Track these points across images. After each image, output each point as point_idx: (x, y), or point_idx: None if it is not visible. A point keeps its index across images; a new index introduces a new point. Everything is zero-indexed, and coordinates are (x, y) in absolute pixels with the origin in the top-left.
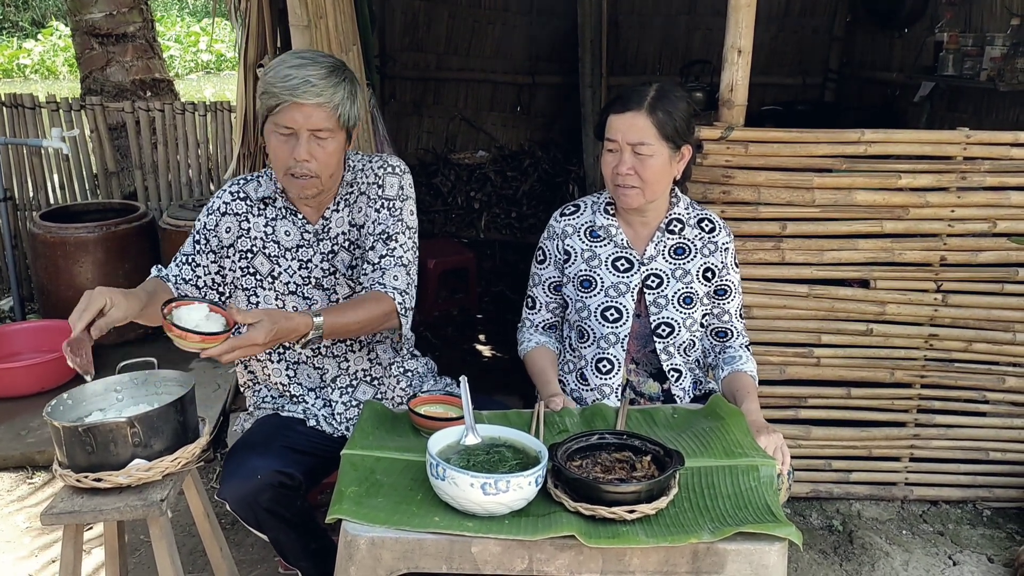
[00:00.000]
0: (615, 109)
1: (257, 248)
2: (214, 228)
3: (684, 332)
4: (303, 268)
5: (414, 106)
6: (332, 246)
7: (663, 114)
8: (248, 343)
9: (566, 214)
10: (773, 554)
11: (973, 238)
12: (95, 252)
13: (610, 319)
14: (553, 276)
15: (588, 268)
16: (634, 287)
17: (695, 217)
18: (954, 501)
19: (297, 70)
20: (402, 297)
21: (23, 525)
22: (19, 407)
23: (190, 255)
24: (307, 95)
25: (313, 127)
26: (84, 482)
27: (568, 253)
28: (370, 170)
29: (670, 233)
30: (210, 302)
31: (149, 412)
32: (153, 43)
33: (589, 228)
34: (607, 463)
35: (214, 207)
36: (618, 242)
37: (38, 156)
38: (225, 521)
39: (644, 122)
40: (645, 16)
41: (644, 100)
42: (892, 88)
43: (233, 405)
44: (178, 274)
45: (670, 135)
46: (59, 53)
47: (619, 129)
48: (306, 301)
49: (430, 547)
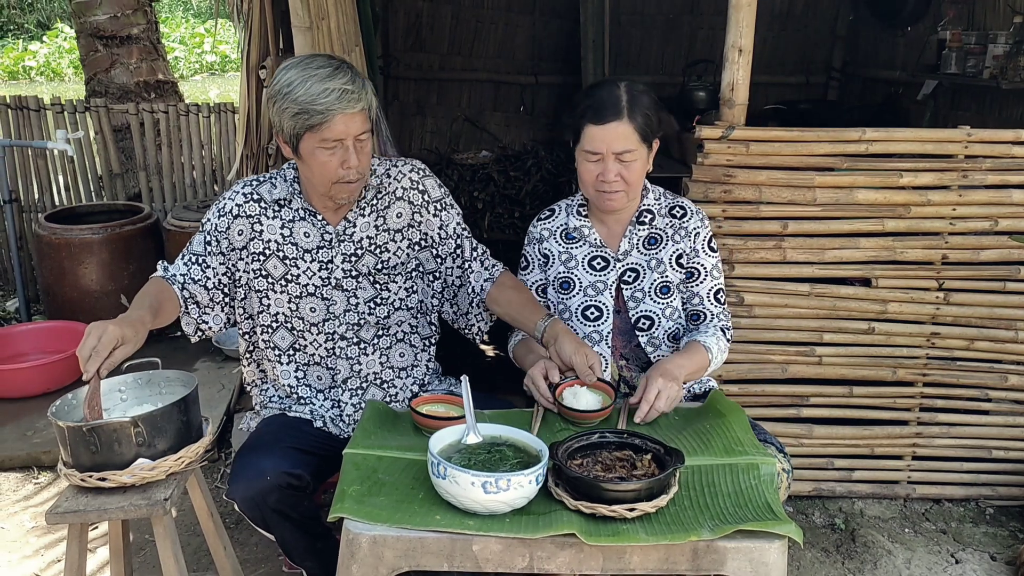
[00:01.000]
0: (592, 120)
1: (271, 251)
2: (225, 231)
3: (665, 322)
4: (323, 269)
5: (417, 106)
6: (355, 249)
7: (641, 117)
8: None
9: (542, 219)
10: (773, 551)
11: (975, 236)
12: (100, 253)
13: (591, 318)
14: (539, 279)
15: (566, 270)
16: (611, 284)
17: (667, 206)
18: (957, 499)
19: (328, 82)
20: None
21: (28, 524)
22: (24, 408)
23: (200, 256)
24: (351, 104)
25: (357, 132)
26: (89, 481)
27: (546, 256)
28: (400, 174)
29: (640, 225)
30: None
31: (153, 412)
32: (157, 45)
33: (564, 230)
34: (608, 462)
35: (226, 209)
36: (592, 242)
37: (43, 158)
38: (230, 520)
39: (626, 129)
40: (648, 15)
41: (621, 107)
42: (895, 86)
43: (237, 405)
44: (186, 273)
45: (647, 135)
46: (64, 55)
47: (603, 140)
48: (324, 302)
49: (431, 545)
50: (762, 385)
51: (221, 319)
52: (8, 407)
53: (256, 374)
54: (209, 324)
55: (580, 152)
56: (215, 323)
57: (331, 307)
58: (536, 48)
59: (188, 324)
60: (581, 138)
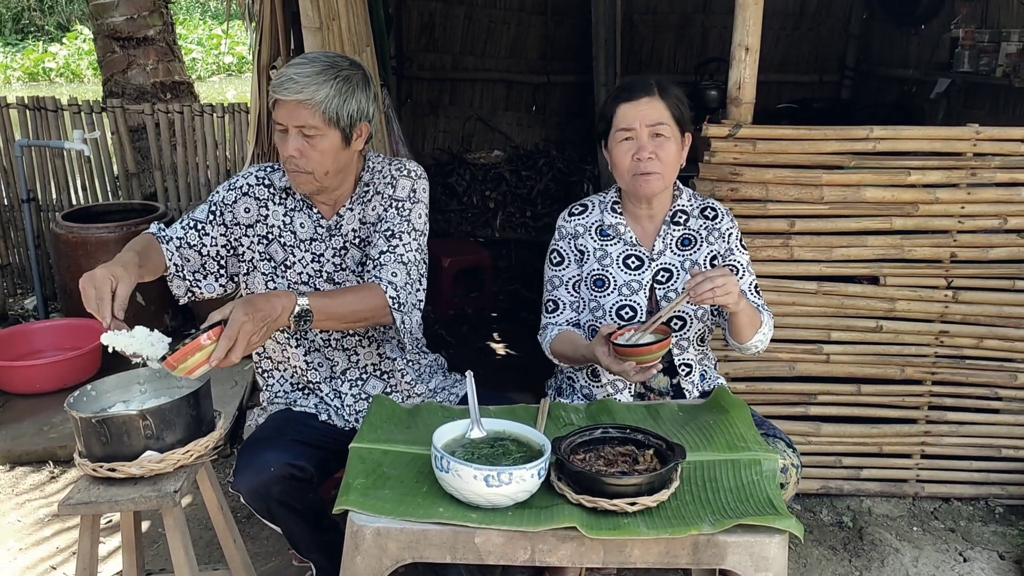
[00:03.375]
0: (624, 99)
1: (273, 236)
2: (232, 204)
3: (696, 323)
4: (315, 261)
5: (430, 106)
6: (344, 242)
7: (672, 98)
8: (237, 327)
9: (575, 214)
10: (773, 546)
11: (984, 234)
12: (116, 251)
13: (625, 317)
14: (575, 275)
15: (600, 267)
16: (646, 284)
17: (698, 207)
18: (966, 498)
19: (288, 69)
20: (396, 292)
21: (44, 517)
22: (42, 403)
23: (201, 222)
24: (287, 92)
25: (298, 124)
26: (99, 471)
27: (582, 252)
28: (387, 171)
29: (675, 225)
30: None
31: (161, 405)
32: (173, 46)
33: (599, 227)
34: (610, 457)
35: (237, 184)
36: (627, 240)
37: (60, 158)
38: (241, 515)
39: (659, 104)
40: (660, 15)
41: (651, 86)
42: (909, 85)
43: (250, 401)
44: (183, 237)
45: (679, 118)
46: (84, 57)
47: (635, 116)
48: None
49: (434, 537)
50: (770, 383)
51: (214, 287)
52: (26, 403)
53: (264, 361)
54: (202, 290)
55: (614, 136)
56: (207, 290)
57: None
58: (548, 48)
59: (179, 287)
60: (613, 121)
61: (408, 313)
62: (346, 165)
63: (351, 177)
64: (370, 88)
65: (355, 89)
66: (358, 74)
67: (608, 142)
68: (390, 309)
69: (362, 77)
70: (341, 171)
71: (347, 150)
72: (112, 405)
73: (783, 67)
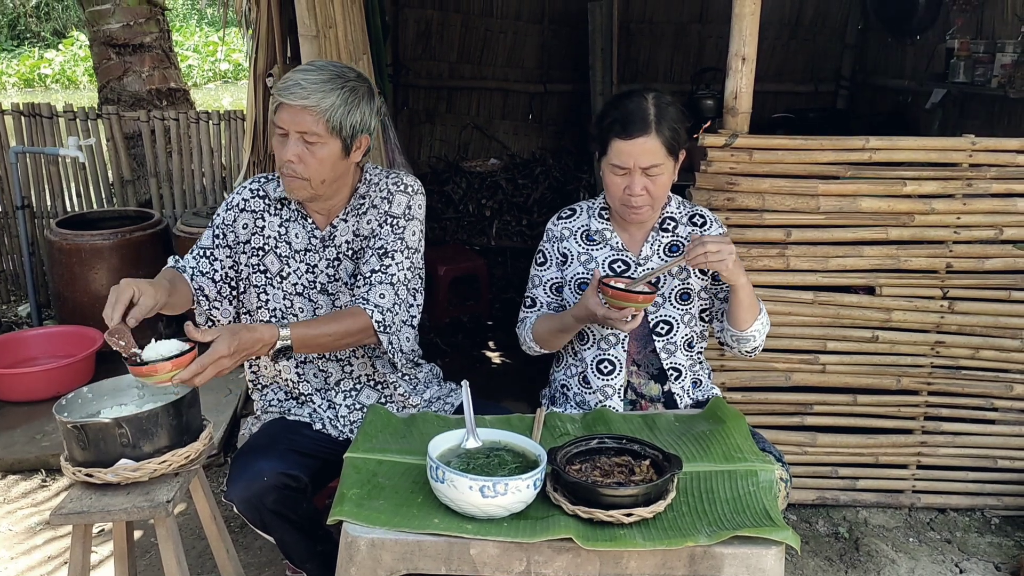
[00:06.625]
0: (620, 134)
1: (269, 247)
2: (232, 224)
3: (683, 328)
4: (309, 272)
5: (427, 114)
6: (337, 253)
7: (668, 131)
8: (215, 357)
9: (563, 217)
10: (770, 558)
11: (979, 245)
12: (110, 259)
13: None
14: (554, 277)
15: (586, 271)
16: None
17: (687, 214)
18: (962, 509)
19: (295, 74)
20: (382, 315)
21: (35, 526)
22: (35, 411)
23: (208, 248)
24: (293, 96)
25: (300, 129)
26: (78, 476)
27: (565, 256)
28: (384, 185)
29: (664, 232)
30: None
31: (138, 414)
32: (169, 53)
33: (585, 232)
34: (606, 467)
35: (233, 203)
36: (613, 245)
37: (55, 164)
38: (234, 524)
39: (654, 144)
40: (656, 24)
41: (649, 122)
42: (904, 95)
43: (244, 410)
44: (195, 266)
45: (674, 148)
46: (79, 63)
47: (630, 155)
48: (311, 304)
49: (429, 548)
50: (765, 393)
51: (229, 312)
52: (19, 410)
53: (252, 376)
54: (218, 317)
55: (607, 165)
56: (223, 316)
57: (317, 310)
58: (545, 56)
59: (200, 315)
60: (608, 151)
61: (396, 333)
62: (342, 175)
63: (346, 188)
64: (374, 101)
65: (360, 101)
66: (364, 87)
67: (602, 162)
68: (375, 332)
69: (367, 90)
70: (337, 181)
71: (345, 160)
72: (106, 408)
73: (779, 77)
